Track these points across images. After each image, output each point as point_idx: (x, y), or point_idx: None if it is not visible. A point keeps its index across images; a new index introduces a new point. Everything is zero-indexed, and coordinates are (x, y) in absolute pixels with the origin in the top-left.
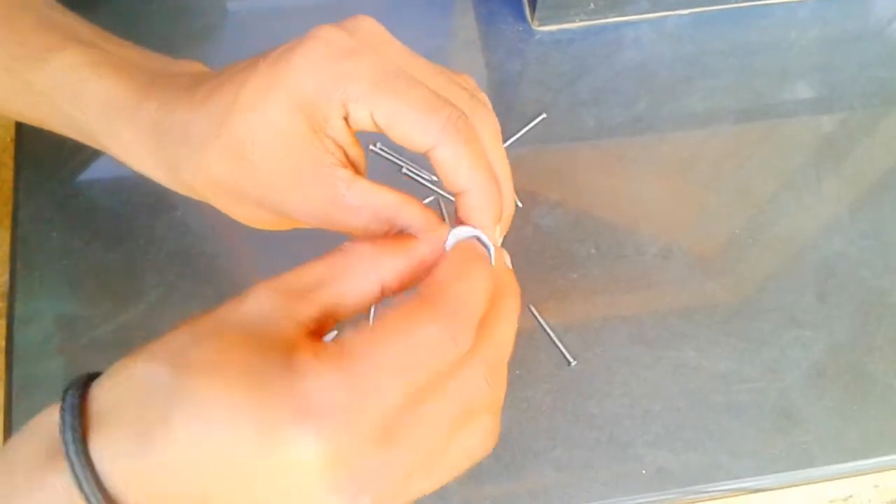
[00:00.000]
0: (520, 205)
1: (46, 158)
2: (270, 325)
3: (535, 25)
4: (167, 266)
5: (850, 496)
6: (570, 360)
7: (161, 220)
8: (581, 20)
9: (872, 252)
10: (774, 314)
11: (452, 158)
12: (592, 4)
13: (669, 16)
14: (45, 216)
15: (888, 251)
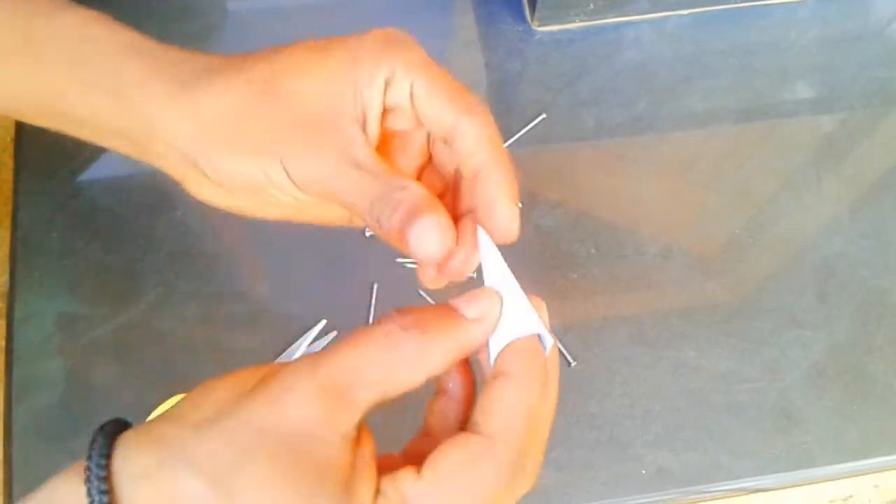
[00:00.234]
0: (520, 205)
1: (46, 158)
2: (318, 447)
3: (535, 26)
4: (167, 266)
5: (850, 496)
6: (570, 361)
7: (161, 220)
8: (581, 20)
9: (872, 252)
10: (774, 314)
11: (477, 131)
12: (592, 5)
13: (669, 16)
14: (45, 216)
15: (888, 251)
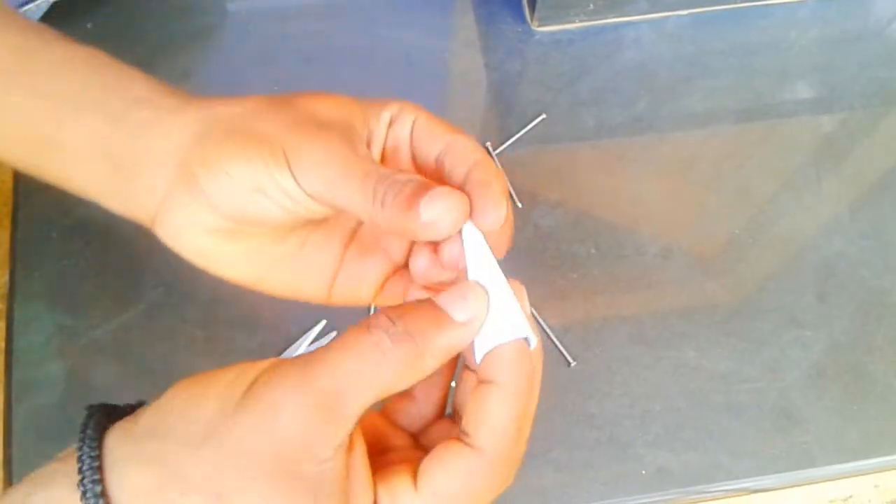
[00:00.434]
0: (520, 205)
1: None
2: (313, 463)
3: (535, 26)
4: (166, 267)
5: (851, 496)
6: (570, 361)
7: None
8: (581, 20)
9: (872, 252)
10: (774, 314)
11: (466, 141)
12: (592, 5)
13: (669, 16)
14: (45, 216)
15: (888, 251)
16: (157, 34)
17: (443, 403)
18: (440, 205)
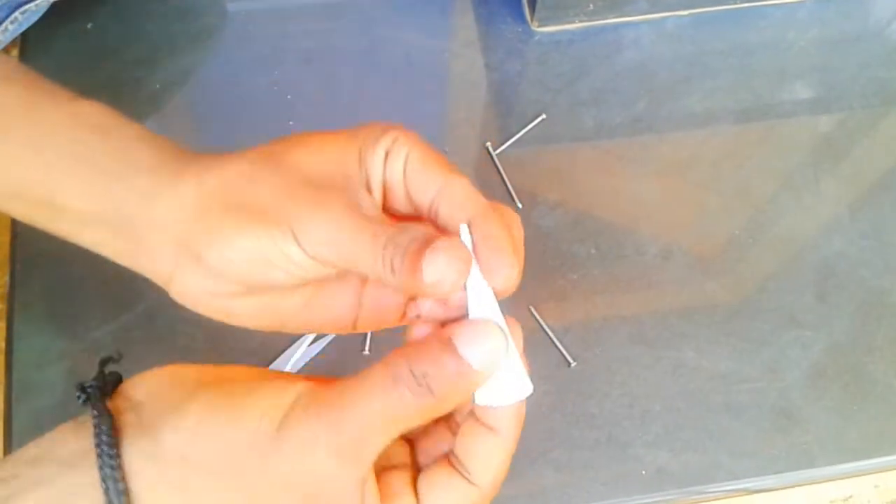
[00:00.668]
0: (520, 205)
1: None
2: (338, 496)
3: (535, 26)
4: None
5: (851, 496)
6: (571, 361)
7: None
8: (580, 21)
9: (872, 252)
10: (774, 314)
11: (463, 188)
12: (592, 5)
13: (669, 16)
14: None
15: (888, 251)
16: (157, 34)
17: None
18: (441, 263)
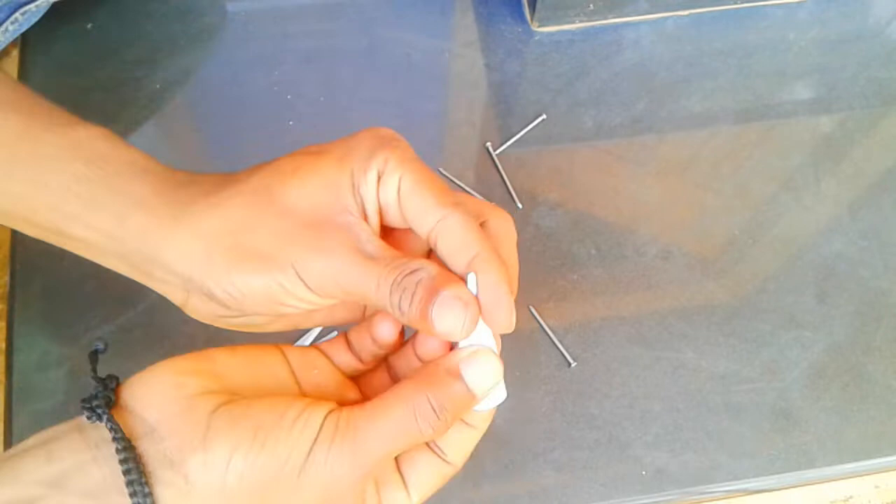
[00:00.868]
0: (520, 205)
1: None
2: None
3: (535, 26)
4: None
5: (850, 497)
6: (571, 362)
7: None
8: (580, 21)
9: (872, 252)
10: (774, 315)
11: (462, 225)
12: (592, 5)
13: (668, 17)
14: None
15: (888, 251)
16: (157, 34)
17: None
18: (451, 318)
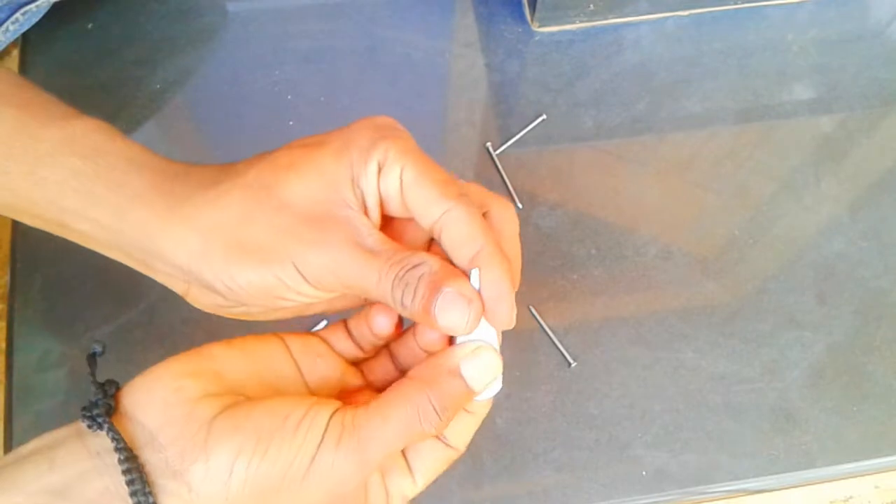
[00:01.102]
0: (520, 206)
1: None
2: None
3: (535, 27)
4: None
5: (851, 497)
6: (571, 362)
7: None
8: (580, 21)
9: (872, 252)
10: (774, 315)
11: (467, 218)
12: (592, 6)
13: (669, 17)
14: None
15: (888, 251)
16: (158, 34)
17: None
18: (454, 314)
